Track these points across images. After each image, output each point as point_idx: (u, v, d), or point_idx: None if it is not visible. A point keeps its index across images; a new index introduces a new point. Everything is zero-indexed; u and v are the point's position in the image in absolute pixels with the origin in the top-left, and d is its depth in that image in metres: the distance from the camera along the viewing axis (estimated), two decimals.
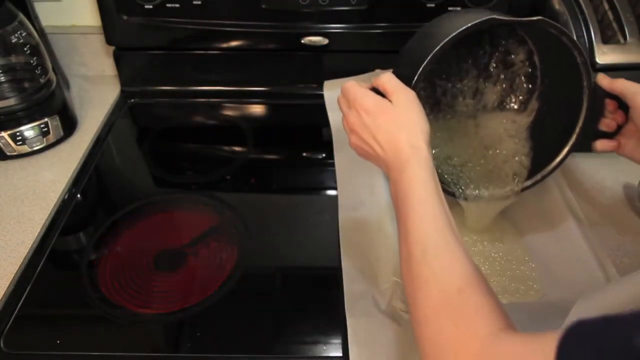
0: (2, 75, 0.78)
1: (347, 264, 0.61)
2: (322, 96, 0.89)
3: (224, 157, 0.84)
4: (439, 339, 0.37)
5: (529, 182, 0.64)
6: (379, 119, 0.48)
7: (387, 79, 0.51)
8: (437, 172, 0.47)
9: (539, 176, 0.63)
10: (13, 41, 0.76)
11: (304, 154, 0.85)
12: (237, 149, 0.87)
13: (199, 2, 0.82)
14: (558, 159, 0.62)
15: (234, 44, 0.89)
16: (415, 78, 0.52)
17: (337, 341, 0.56)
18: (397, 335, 0.54)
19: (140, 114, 0.95)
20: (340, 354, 0.54)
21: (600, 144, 0.58)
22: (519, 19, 0.55)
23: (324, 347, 0.55)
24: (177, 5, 0.83)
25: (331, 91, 0.89)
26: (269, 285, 0.63)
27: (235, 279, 0.62)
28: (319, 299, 0.61)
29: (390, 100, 0.50)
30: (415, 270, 0.41)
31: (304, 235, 0.70)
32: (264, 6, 0.83)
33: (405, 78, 0.52)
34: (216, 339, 0.56)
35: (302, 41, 0.87)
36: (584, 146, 0.71)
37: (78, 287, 0.62)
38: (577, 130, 0.59)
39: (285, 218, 0.73)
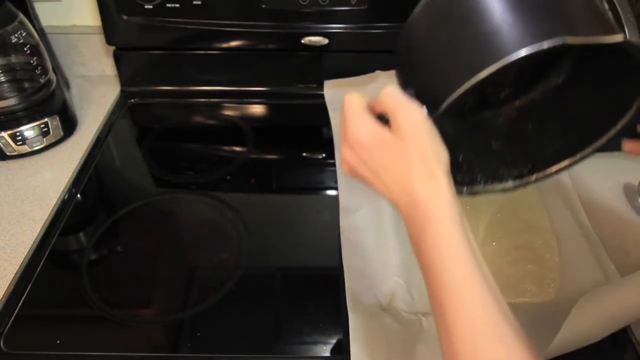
0: (2, 75, 0.78)
1: (347, 264, 0.61)
2: (322, 96, 0.89)
3: (224, 157, 0.84)
4: None
5: (540, 175, 0.54)
6: (376, 153, 0.39)
7: (386, 95, 0.40)
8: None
9: (553, 169, 0.53)
10: (13, 41, 0.76)
11: (304, 154, 0.85)
12: (237, 149, 0.87)
13: (199, 2, 0.82)
14: (579, 156, 0.51)
15: (234, 44, 0.89)
16: (449, 100, 0.36)
17: (338, 341, 0.55)
18: (397, 334, 0.54)
19: (140, 114, 0.95)
20: (341, 354, 0.54)
21: (630, 145, 0.51)
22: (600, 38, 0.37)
23: (324, 347, 0.55)
24: (177, 5, 0.83)
25: (332, 90, 0.89)
26: (269, 285, 0.63)
27: (235, 279, 0.62)
28: (319, 299, 0.61)
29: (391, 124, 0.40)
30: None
31: (304, 235, 0.70)
32: (264, 6, 0.83)
33: (428, 95, 0.38)
34: (216, 339, 0.56)
35: (302, 41, 0.87)
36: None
37: (78, 287, 0.62)
38: (612, 131, 0.49)
39: (285, 218, 0.73)
